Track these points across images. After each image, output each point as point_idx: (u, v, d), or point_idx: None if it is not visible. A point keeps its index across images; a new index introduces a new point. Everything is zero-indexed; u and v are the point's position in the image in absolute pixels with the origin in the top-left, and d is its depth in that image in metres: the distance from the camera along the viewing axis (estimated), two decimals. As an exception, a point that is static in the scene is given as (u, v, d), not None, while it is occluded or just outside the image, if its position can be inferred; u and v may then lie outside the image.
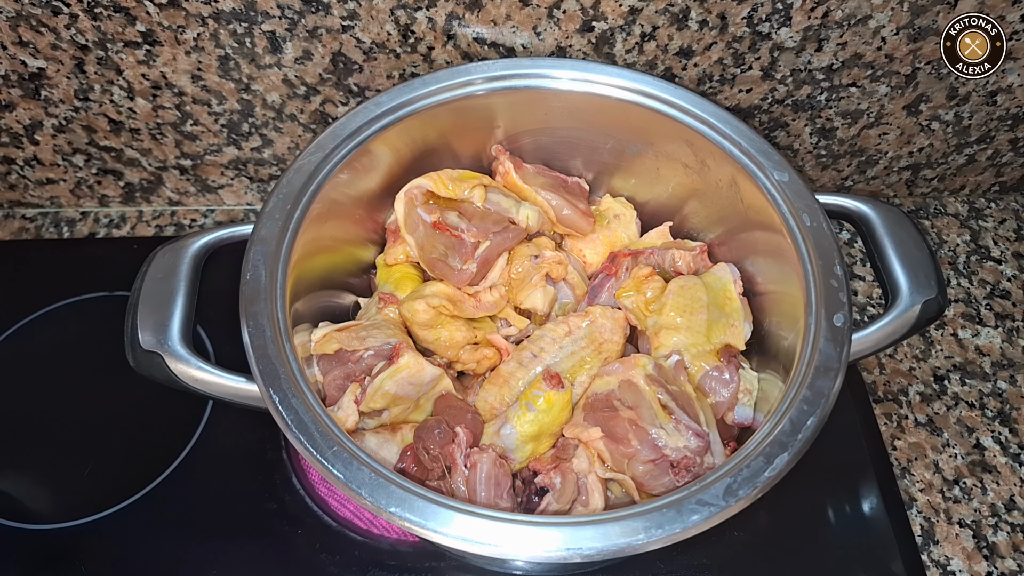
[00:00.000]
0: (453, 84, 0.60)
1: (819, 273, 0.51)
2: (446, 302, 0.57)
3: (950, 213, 0.87)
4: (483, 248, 0.59)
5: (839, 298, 0.50)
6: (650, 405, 0.52)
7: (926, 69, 0.69)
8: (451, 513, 0.42)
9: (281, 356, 0.47)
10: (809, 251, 0.52)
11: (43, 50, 0.65)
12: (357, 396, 0.52)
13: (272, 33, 0.64)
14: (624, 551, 0.41)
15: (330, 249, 0.60)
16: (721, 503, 0.43)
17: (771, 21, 0.64)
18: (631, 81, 0.60)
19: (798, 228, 0.54)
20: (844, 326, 0.49)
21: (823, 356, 0.48)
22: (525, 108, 0.63)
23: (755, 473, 0.44)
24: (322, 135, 0.57)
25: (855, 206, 0.57)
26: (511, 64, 0.61)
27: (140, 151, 0.76)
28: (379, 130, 0.58)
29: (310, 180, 0.55)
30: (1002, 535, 0.65)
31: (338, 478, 0.43)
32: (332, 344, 0.54)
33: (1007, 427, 0.71)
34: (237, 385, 0.50)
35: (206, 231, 0.56)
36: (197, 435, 0.66)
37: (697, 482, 0.44)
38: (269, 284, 0.50)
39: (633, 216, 0.68)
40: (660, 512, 0.42)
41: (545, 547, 0.41)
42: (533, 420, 0.53)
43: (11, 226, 0.82)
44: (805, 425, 0.45)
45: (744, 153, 0.57)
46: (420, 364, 0.53)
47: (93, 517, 0.62)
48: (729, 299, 0.59)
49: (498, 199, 0.61)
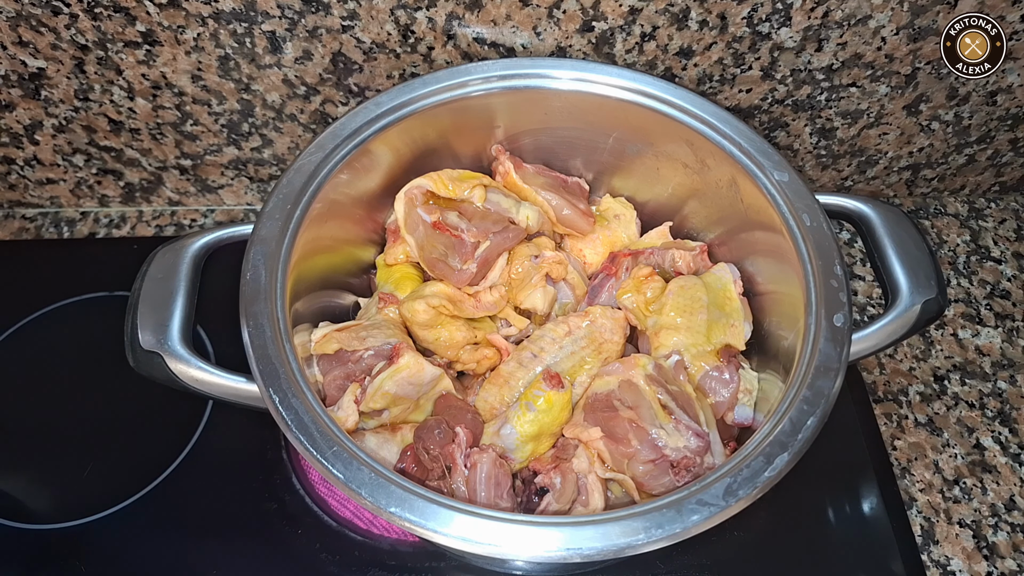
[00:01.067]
0: (453, 84, 0.60)
1: (819, 273, 0.51)
2: (446, 302, 0.57)
3: (950, 213, 0.87)
4: (483, 248, 0.59)
5: (839, 298, 0.50)
6: (650, 405, 0.52)
7: (926, 69, 0.69)
8: (451, 513, 0.42)
9: (281, 356, 0.47)
10: (809, 251, 0.52)
11: (43, 50, 0.65)
12: (357, 396, 0.52)
13: (272, 33, 0.64)
14: (624, 551, 0.41)
15: (330, 249, 0.60)
16: (721, 503, 0.43)
17: (771, 21, 0.64)
18: (631, 81, 0.60)
19: (798, 228, 0.54)
20: (844, 326, 0.49)
21: (823, 356, 0.48)
22: (525, 108, 0.63)
23: (755, 473, 0.44)
24: (322, 135, 0.57)
25: (855, 206, 0.57)
26: (511, 64, 0.61)
27: (140, 151, 0.76)
28: (379, 130, 0.58)
29: (310, 180, 0.55)
30: (1002, 535, 0.65)
31: (338, 478, 0.43)
32: (332, 344, 0.54)
33: (1007, 427, 0.71)
34: (237, 385, 0.50)
35: (206, 231, 0.56)
36: (197, 435, 0.66)
37: (697, 482, 0.44)
38: (269, 284, 0.50)
39: (633, 216, 0.68)
40: (660, 512, 0.42)
41: (545, 547, 0.41)
42: (533, 420, 0.53)
43: (11, 226, 0.82)
44: (805, 425, 0.45)
45: (744, 153, 0.57)
46: (420, 364, 0.53)
47: (93, 517, 0.62)
48: (729, 299, 0.59)
49: (498, 199, 0.61)
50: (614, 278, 0.62)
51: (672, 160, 0.63)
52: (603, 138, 0.65)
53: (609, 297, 0.62)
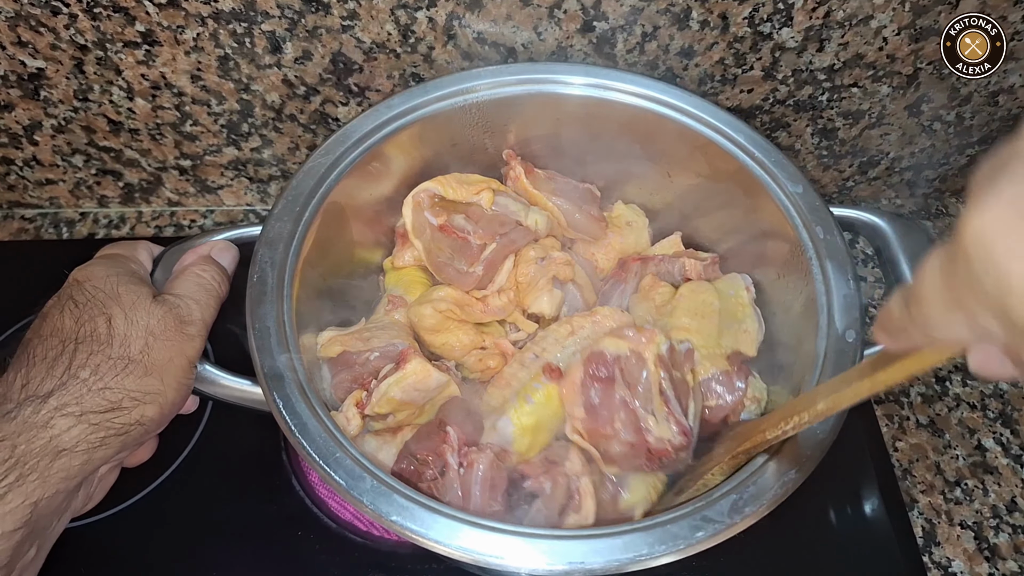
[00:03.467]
0: (464, 89, 0.60)
1: (832, 287, 0.51)
2: (453, 306, 0.57)
3: (951, 214, 0.86)
4: (489, 250, 0.59)
5: (852, 313, 0.50)
6: (650, 388, 0.51)
7: (928, 69, 0.69)
8: (455, 524, 0.42)
9: (286, 360, 0.47)
10: (822, 264, 0.52)
11: (42, 50, 0.65)
12: (362, 400, 0.52)
13: (272, 33, 0.64)
14: (627, 566, 0.41)
15: (338, 252, 0.60)
16: (726, 520, 0.42)
17: (772, 21, 0.64)
18: (644, 88, 0.60)
19: (811, 241, 0.53)
20: (856, 342, 0.49)
21: (835, 372, 0.47)
22: (536, 113, 0.63)
23: (762, 490, 0.43)
24: (331, 138, 0.57)
25: (869, 219, 0.57)
26: (522, 69, 0.61)
27: (139, 151, 0.76)
28: (390, 134, 0.58)
29: (319, 183, 0.55)
30: (1004, 536, 0.65)
31: (340, 485, 0.43)
32: (337, 347, 0.54)
33: (1008, 428, 0.70)
34: (241, 387, 0.50)
35: (216, 231, 0.56)
36: (197, 436, 0.66)
37: (703, 498, 0.44)
38: (276, 286, 0.50)
39: (645, 223, 0.68)
40: (664, 528, 0.42)
41: (548, 561, 0.41)
42: (531, 412, 0.52)
43: (10, 227, 0.82)
44: (815, 442, 0.45)
45: (758, 164, 0.57)
46: (427, 371, 0.52)
47: (94, 518, 0.61)
48: (741, 305, 0.58)
49: (506, 203, 0.61)
50: (623, 284, 0.62)
51: (684, 169, 0.63)
52: (615, 144, 0.64)
53: (619, 302, 0.62)
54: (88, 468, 0.44)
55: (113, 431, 0.45)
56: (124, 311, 0.47)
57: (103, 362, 0.45)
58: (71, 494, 0.45)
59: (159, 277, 0.54)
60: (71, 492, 0.44)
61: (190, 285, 0.51)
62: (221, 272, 0.54)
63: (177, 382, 0.48)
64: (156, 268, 0.54)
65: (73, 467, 0.43)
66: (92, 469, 0.45)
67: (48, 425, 0.42)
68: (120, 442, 0.45)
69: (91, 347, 0.46)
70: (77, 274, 0.50)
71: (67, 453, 0.43)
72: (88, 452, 0.44)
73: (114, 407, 0.45)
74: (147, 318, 0.47)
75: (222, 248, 0.56)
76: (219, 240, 0.56)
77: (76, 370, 0.45)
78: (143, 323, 0.47)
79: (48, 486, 0.42)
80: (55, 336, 0.46)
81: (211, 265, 0.54)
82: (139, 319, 0.47)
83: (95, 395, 0.44)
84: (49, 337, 0.46)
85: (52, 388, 0.44)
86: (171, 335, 0.48)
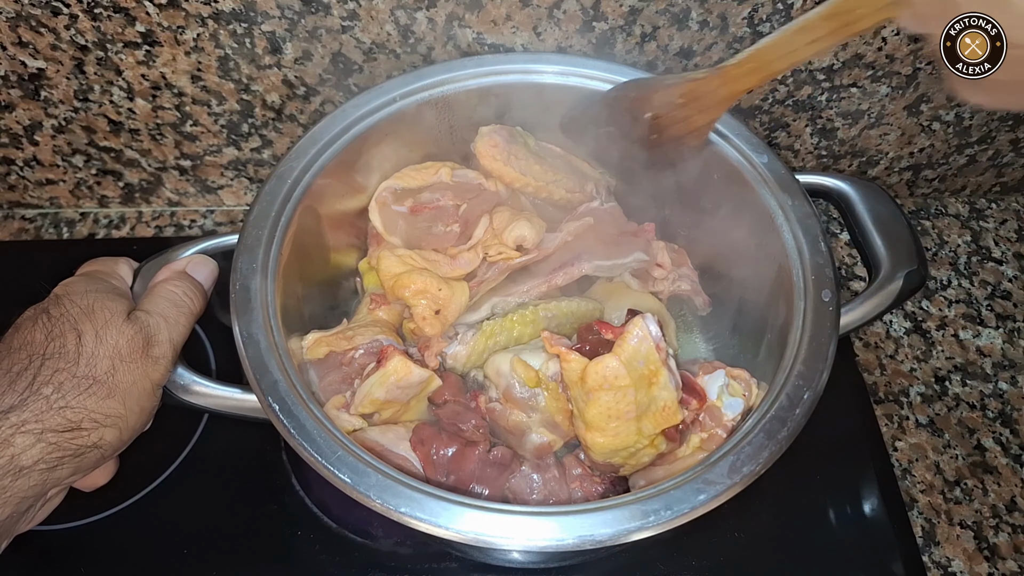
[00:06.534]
0: (433, 83, 0.60)
1: (805, 251, 0.53)
2: (415, 256, 0.57)
3: (951, 214, 0.86)
4: (463, 208, 0.59)
5: (826, 274, 0.52)
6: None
7: (927, 69, 0.69)
8: (461, 509, 0.42)
9: (278, 364, 0.47)
10: (793, 230, 0.54)
11: (43, 51, 0.65)
12: (347, 400, 0.52)
13: (272, 33, 0.64)
14: (634, 534, 0.42)
15: (317, 255, 0.60)
16: (727, 480, 0.44)
17: (772, 21, 0.64)
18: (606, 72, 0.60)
19: (781, 208, 0.55)
20: (832, 300, 0.51)
21: (814, 331, 0.49)
22: (508, 103, 0.63)
23: (757, 449, 0.45)
24: (301, 140, 0.57)
25: (834, 184, 0.59)
26: (496, 59, 0.61)
27: (140, 152, 0.76)
28: (359, 133, 0.58)
29: (293, 186, 0.55)
30: (1003, 536, 0.65)
31: (346, 483, 0.43)
32: (323, 348, 0.54)
33: (1008, 428, 0.70)
34: (234, 396, 0.50)
35: (191, 242, 0.56)
36: (196, 436, 0.66)
37: (701, 464, 0.45)
38: (260, 293, 0.50)
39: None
40: (667, 494, 0.43)
41: (558, 536, 0.42)
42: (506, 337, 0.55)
43: (11, 227, 0.82)
44: (802, 400, 0.47)
45: (722, 137, 0.58)
46: (408, 368, 0.52)
47: (93, 519, 0.62)
48: (653, 372, 0.49)
49: (464, 173, 0.62)
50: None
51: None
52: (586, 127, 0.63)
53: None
54: (41, 490, 0.43)
55: (70, 452, 0.43)
56: (95, 329, 0.46)
57: (67, 380, 0.44)
58: (21, 516, 0.43)
59: (139, 290, 0.53)
60: (22, 514, 0.43)
61: (160, 301, 0.50)
62: (195, 287, 0.52)
63: (139, 407, 0.47)
64: (136, 281, 0.54)
65: (31, 487, 0.42)
66: (43, 492, 0.43)
67: (9, 443, 0.41)
68: (75, 464, 0.44)
69: (57, 363, 0.44)
70: (58, 288, 0.49)
71: (27, 472, 0.41)
72: (44, 473, 0.42)
73: (74, 427, 0.43)
74: (116, 337, 0.46)
75: (198, 263, 0.54)
76: (194, 255, 0.55)
77: (39, 386, 0.43)
78: (112, 342, 0.46)
79: (6, 507, 0.40)
80: (23, 349, 0.45)
81: (184, 280, 0.52)
82: (109, 338, 0.46)
83: (55, 413, 0.43)
84: (18, 350, 0.45)
85: (13, 403, 0.42)
86: (137, 357, 0.46)
